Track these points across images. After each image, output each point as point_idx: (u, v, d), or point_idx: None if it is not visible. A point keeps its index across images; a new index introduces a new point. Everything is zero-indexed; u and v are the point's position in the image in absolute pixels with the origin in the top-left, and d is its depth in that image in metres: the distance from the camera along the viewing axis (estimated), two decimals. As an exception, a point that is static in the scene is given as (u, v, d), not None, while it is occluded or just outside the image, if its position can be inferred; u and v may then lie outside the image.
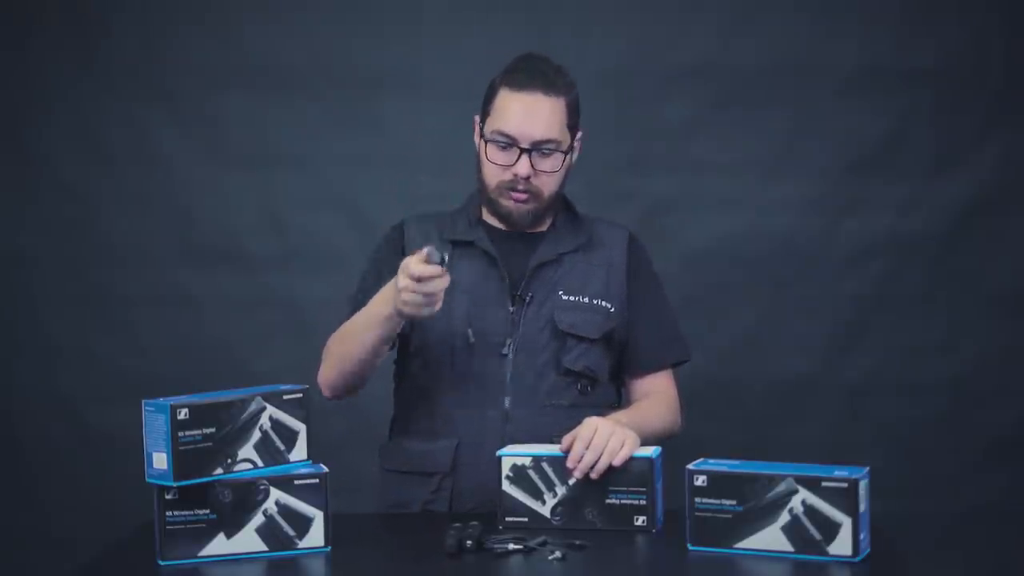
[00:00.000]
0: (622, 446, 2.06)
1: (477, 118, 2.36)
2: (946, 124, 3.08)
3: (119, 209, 3.16)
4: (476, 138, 2.36)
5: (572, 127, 2.33)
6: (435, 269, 2.03)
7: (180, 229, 3.16)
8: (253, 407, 1.99)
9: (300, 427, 2.03)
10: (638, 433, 2.12)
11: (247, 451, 1.98)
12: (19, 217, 3.17)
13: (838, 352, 3.12)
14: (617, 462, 2.05)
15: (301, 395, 2.04)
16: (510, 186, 2.29)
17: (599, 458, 2.05)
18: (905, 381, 3.11)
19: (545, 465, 2.08)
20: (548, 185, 2.31)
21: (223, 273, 3.15)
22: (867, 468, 1.91)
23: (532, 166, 2.27)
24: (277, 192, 3.16)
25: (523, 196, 2.30)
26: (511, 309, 2.31)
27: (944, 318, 3.11)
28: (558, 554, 1.92)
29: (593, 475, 2.06)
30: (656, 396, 2.38)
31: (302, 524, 1.98)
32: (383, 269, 2.35)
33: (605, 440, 2.06)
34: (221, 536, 1.95)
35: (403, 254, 2.36)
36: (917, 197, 3.09)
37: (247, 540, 1.96)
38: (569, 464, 2.07)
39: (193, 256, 3.16)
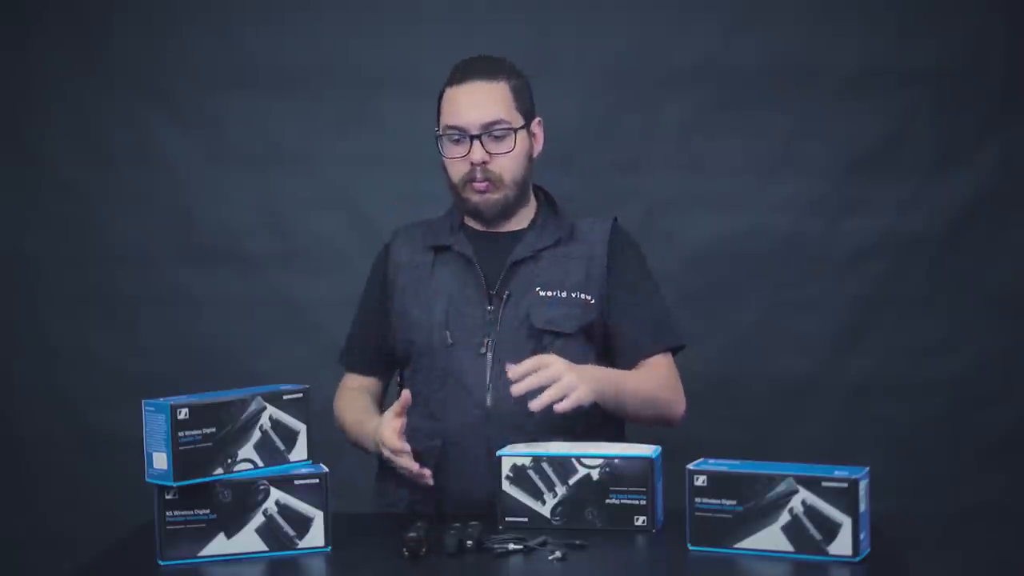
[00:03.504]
0: (573, 390, 2.07)
1: (437, 130, 2.38)
2: (946, 124, 3.08)
3: (119, 209, 3.16)
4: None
5: (524, 111, 2.35)
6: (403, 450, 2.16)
7: (180, 229, 3.16)
8: (253, 407, 1.99)
9: (300, 427, 2.03)
10: (614, 386, 2.18)
11: (247, 451, 1.98)
12: (20, 217, 3.17)
13: (838, 352, 3.12)
14: (560, 408, 2.06)
15: (301, 395, 2.04)
16: (470, 177, 2.31)
17: (543, 387, 2.07)
18: (905, 381, 3.11)
19: (545, 465, 2.08)
20: (507, 168, 2.32)
21: (223, 273, 3.15)
22: (867, 468, 1.92)
23: (486, 151, 2.29)
24: (277, 192, 3.16)
25: (483, 185, 2.32)
26: (489, 308, 2.31)
27: (944, 318, 3.11)
28: (558, 554, 1.92)
29: (535, 406, 2.06)
30: (648, 367, 2.37)
31: (302, 524, 1.98)
32: (371, 299, 2.46)
33: (558, 375, 2.07)
34: (221, 536, 1.95)
35: (387, 275, 2.39)
36: (917, 197, 3.09)
37: (247, 540, 1.96)
38: (513, 389, 2.08)
39: (193, 256, 3.16)
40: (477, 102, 2.31)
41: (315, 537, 1.98)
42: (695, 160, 3.11)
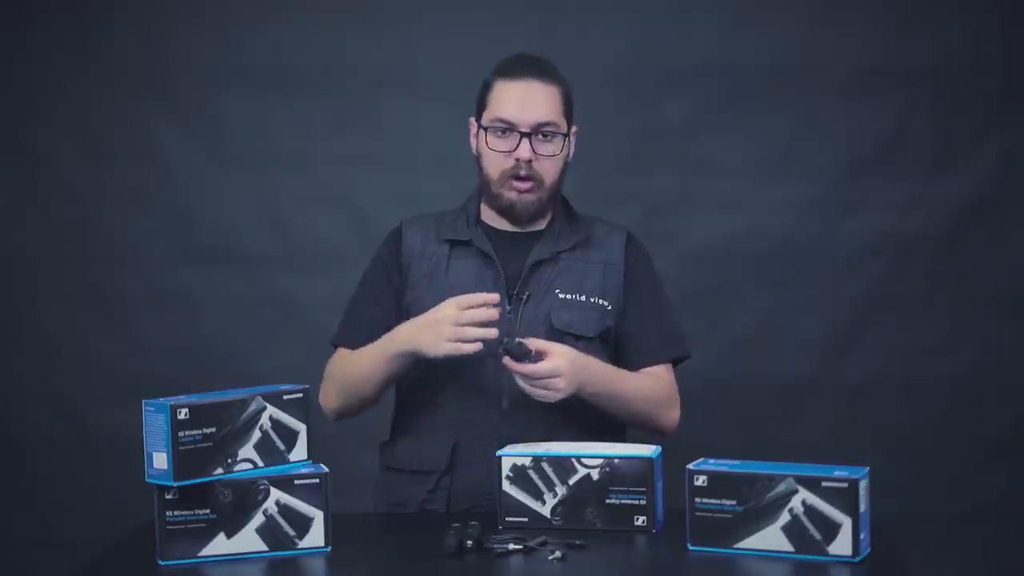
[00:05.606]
0: (552, 391, 2.16)
1: (472, 119, 2.36)
2: (946, 124, 3.08)
3: (119, 209, 3.16)
4: (472, 139, 2.37)
5: (568, 118, 2.35)
6: (486, 298, 2.17)
7: (180, 229, 3.16)
8: (253, 407, 1.99)
9: (300, 427, 2.03)
10: (606, 384, 2.23)
11: (247, 451, 1.98)
12: (19, 216, 3.17)
13: (838, 352, 3.12)
14: (534, 396, 2.17)
15: (301, 395, 2.04)
16: (513, 173, 2.30)
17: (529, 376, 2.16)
18: (905, 381, 3.11)
19: (545, 465, 2.08)
20: (550, 171, 2.32)
21: (223, 273, 3.15)
22: (867, 468, 1.91)
23: (533, 149, 2.29)
24: (277, 192, 3.16)
25: (526, 184, 2.30)
26: (508, 308, 2.31)
27: (944, 318, 3.11)
28: (558, 554, 1.92)
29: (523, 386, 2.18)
30: (651, 375, 2.38)
31: (302, 524, 1.98)
32: (379, 276, 2.39)
33: (552, 375, 2.15)
34: (221, 536, 1.95)
35: (401, 257, 2.37)
36: (917, 197, 3.10)
37: (247, 540, 1.96)
38: (506, 361, 2.16)
39: (193, 256, 3.16)
40: (533, 100, 2.30)
41: (315, 537, 1.98)
42: (695, 160, 3.11)
